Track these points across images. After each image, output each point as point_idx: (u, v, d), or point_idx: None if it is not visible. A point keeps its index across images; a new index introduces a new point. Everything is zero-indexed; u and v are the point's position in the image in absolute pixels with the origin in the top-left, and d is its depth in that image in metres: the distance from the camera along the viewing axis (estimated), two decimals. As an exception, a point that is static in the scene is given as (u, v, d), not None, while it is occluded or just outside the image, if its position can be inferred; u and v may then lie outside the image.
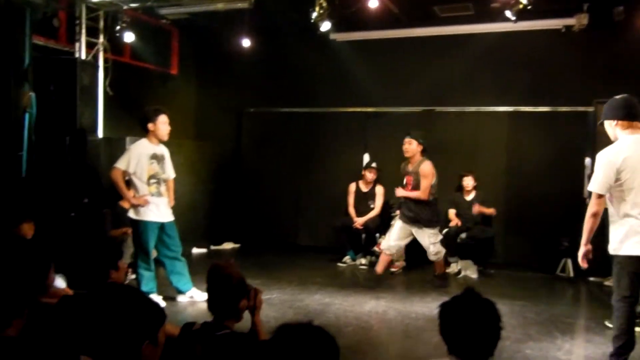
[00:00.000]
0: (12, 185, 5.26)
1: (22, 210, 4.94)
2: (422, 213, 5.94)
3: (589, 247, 3.73)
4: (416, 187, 5.89)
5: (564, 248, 6.83)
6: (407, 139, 5.94)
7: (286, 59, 8.49)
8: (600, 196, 3.56)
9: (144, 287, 5.06)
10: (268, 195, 8.61)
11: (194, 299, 5.32)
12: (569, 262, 6.82)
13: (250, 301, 2.66)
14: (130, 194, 5.09)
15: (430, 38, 7.66)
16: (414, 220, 5.98)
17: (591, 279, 6.74)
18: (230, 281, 2.57)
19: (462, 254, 7.02)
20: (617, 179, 3.50)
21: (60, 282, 4.55)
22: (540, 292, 6.09)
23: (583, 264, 3.79)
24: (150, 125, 5.12)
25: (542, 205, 7.19)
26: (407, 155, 5.97)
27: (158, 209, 5.16)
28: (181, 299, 5.34)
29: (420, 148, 5.93)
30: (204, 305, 4.99)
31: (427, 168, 5.88)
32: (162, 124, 5.17)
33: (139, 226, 5.12)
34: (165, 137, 5.25)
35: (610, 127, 3.74)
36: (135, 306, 1.83)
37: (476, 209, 6.92)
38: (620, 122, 3.64)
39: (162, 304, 5.06)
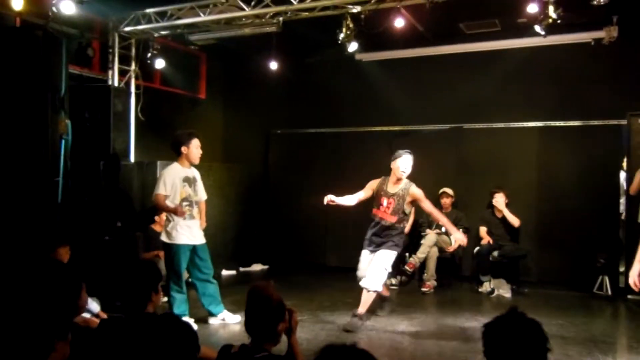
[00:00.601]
0: (49, 211, 5.39)
1: (58, 235, 5.06)
2: (394, 238, 5.34)
3: None
4: (398, 211, 5.29)
5: (601, 265, 6.66)
6: (410, 157, 5.32)
7: (312, 80, 8.58)
8: None
9: (177, 310, 5.09)
10: (296, 216, 8.63)
11: (225, 321, 5.33)
12: (606, 279, 6.64)
13: (286, 322, 2.65)
14: (175, 206, 5.07)
15: (456, 55, 7.65)
16: (378, 245, 5.38)
17: (630, 296, 6.54)
18: (270, 303, 2.56)
19: (494, 273, 6.89)
20: None
21: (94, 306, 4.63)
22: (577, 311, 5.92)
23: (635, 284, 3.56)
24: (183, 149, 5.20)
25: (576, 221, 7.04)
26: (406, 175, 5.32)
27: (191, 232, 5.20)
28: (213, 321, 5.35)
29: None
30: (237, 327, 5.08)
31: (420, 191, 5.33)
32: (195, 148, 5.24)
33: (171, 249, 5.16)
34: (197, 161, 5.32)
35: None
36: (174, 333, 1.85)
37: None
38: None
39: (195, 326, 5.07)
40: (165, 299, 5.62)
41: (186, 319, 4.97)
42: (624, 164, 6.86)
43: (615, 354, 4.63)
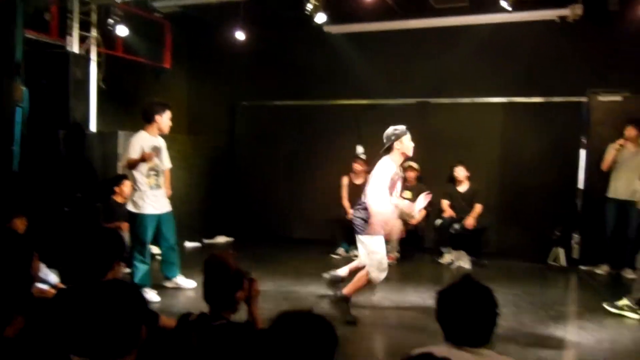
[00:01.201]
0: (4, 180, 5.24)
1: (14, 205, 4.94)
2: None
3: None
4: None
5: (556, 237, 6.89)
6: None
7: (280, 51, 8.47)
8: None
9: (138, 280, 5.07)
10: (262, 189, 8.61)
11: (179, 285, 5.49)
12: (561, 251, 6.88)
13: (246, 291, 2.66)
14: (141, 155, 5.05)
15: (425, 30, 7.64)
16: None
17: (582, 267, 6.80)
18: (227, 271, 2.56)
19: (455, 245, 7.06)
20: None
21: (52, 277, 4.56)
22: (532, 282, 6.13)
23: None
24: (157, 117, 5.22)
25: (536, 195, 7.24)
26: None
27: (157, 201, 5.24)
28: (167, 284, 5.51)
29: None
30: (198, 296, 5.09)
31: None
32: (168, 118, 5.31)
33: (137, 219, 5.18)
34: (167, 131, 5.38)
35: None
36: (131, 303, 1.84)
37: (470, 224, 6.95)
38: None
39: (157, 298, 5.08)
40: (128, 270, 5.60)
41: (148, 290, 5.00)
42: (584, 140, 7.05)
43: (565, 321, 4.84)
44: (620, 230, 6.40)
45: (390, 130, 4.69)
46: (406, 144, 4.66)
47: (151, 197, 5.18)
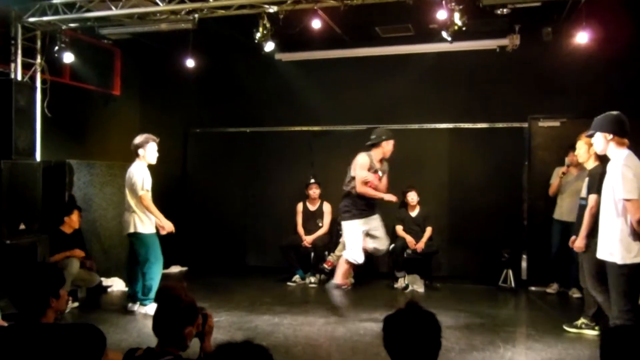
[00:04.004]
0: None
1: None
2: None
3: None
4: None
5: (505, 259, 7.08)
6: None
7: (231, 79, 8.50)
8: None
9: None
10: (215, 217, 8.52)
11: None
12: (510, 273, 7.07)
13: (199, 327, 2.59)
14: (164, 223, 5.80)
15: (373, 58, 7.85)
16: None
17: (532, 288, 7.02)
18: (178, 304, 2.48)
19: (408, 269, 7.15)
20: None
21: (-6, 314, 4.35)
22: (483, 303, 6.27)
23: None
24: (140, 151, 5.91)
25: (483, 218, 7.45)
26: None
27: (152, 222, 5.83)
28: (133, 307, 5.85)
29: None
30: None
31: None
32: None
33: (149, 238, 5.74)
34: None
35: (605, 139, 3.94)
36: (66, 343, 1.79)
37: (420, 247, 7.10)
38: (616, 137, 3.87)
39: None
40: (75, 304, 5.42)
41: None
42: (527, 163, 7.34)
43: (514, 342, 4.96)
44: (565, 250, 6.64)
45: (382, 130, 5.75)
46: (390, 148, 5.70)
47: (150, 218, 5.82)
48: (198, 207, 8.65)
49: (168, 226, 5.79)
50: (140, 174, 5.78)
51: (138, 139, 6.02)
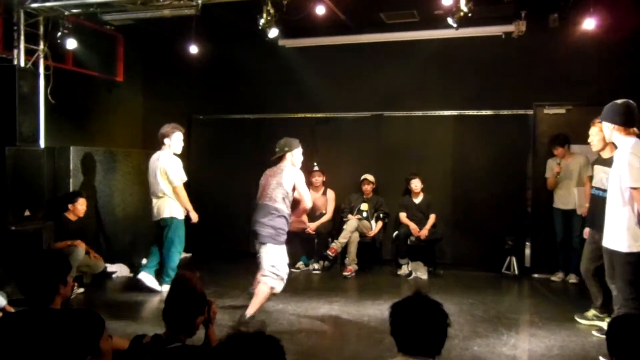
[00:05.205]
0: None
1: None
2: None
3: None
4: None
5: (509, 247, 7.09)
6: None
7: (235, 65, 8.45)
8: None
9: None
10: (218, 203, 8.52)
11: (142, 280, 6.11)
12: (514, 260, 7.09)
13: (205, 314, 2.62)
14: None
15: (377, 44, 7.79)
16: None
17: (535, 275, 7.03)
18: (192, 294, 2.52)
19: (412, 256, 7.17)
20: None
21: (0, 300, 4.39)
22: (486, 291, 6.28)
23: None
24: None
25: (487, 205, 7.43)
26: None
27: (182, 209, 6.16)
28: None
29: None
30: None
31: None
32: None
33: (180, 223, 6.13)
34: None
35: (608, 129, 3.94)
36: (68, 327, 1.80)
37: (423, 234, 7.11)
38: (619, 126, 3.86)
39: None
40: (81, 290, 5.46)
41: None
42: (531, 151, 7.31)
43: (518, 329, 4.98)
44: (567, 238, 6.67)
45: (288, 141, 5.41)
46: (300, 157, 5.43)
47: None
48: (201, 193, 8.62)
49: (195, 217, 6.24)
50: (175, 165, 6.07)
51: (164, 128, 6.19)
